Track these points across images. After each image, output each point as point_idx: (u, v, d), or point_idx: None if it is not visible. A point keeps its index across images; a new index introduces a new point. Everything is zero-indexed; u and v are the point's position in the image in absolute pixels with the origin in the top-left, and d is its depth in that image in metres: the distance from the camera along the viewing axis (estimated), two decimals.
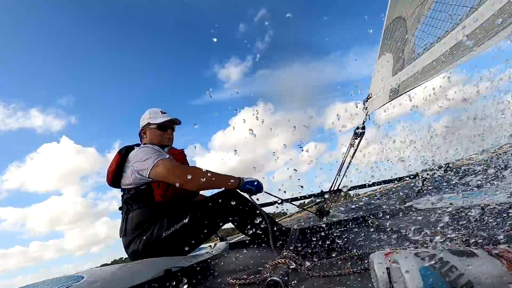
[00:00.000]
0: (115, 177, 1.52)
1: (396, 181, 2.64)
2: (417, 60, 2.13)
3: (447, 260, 0.45)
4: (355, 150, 2.67)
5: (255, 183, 1.47)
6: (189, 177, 1.35)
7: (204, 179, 1.38)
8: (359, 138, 2.75)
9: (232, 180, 1.43)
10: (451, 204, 1.53)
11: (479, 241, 0.67)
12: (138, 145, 1.63)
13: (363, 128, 2.78)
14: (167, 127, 1.71)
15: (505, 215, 1.02)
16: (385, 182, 2.64)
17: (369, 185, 2.71)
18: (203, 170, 1.41)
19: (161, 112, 1.73)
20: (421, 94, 2.02)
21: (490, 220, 1.10)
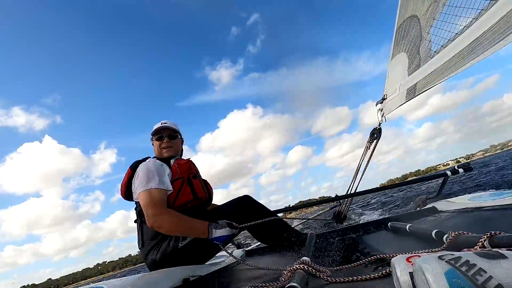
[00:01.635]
0: (127, 191, 1.55)
1: (416, 182, 2.55)
2: (434, 58, 2.07)
3: (473, 263, 0.42)
4: (372, 152, 2.61)
5: (225, 238, 1.38)
6: (160, 223, 1.32)
7: (175, 228, 1.33)
8: (375, 141, 2.68)
9: (201, 233, 1.35)
10: (475, 204, 1.45)
11: (507, 242, 0.63)
12: (147, 158, 1.62)
13: (379, 130, 2.72)
14: (162, 135, 1.67)
15: None
16: (405, 183, 2.56)
17: (386, 187, 2.63)
18: (178, 218, 1.35)
19: (162, 123, 1.71)
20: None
21: None
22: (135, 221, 1.56)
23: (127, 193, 1.56)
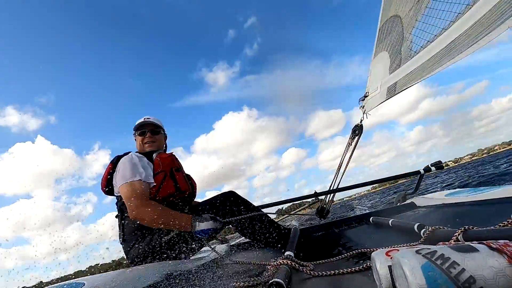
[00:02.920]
0: (107, 185, 1.52)
1: (393, 179, 2.65)
2: (415, 58, 2.14)
3: (448, 256, 0.44)
4: (353, 149, 2.68)
5: (209, 231, 1.35)
6: (143, 214, 1.30)
7: (158, 219, 1.31)
8: (356, 137, 2.75)
9: (185, 225, 1.33)
10: (450, 200, 1.53)
11: (479, 236, 0.67)
12: (128, 153, 1.58)
13: (361, 127, 2.79)
14: (145, 130, 1.66)
15: (503, 209, 1.02)
16: (383, 180, 2.66)
17: (367, 184, 2.72)
18: (160, 209, 1.33)
19: (145, 118, 1.70)
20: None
21: (489, 215, 1.10)
22: (116, 216, 1.53)
23: (108, 188, 1.54)
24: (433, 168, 2.18)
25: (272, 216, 1.70)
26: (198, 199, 1.81)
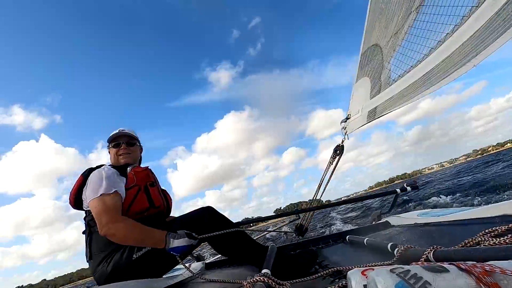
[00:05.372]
0: (77, 199, 1.44)
1: (372, 198, 2.73)
2: (393, 86, 2.28)
3: (420, 276, 0.46)
4: (334, 167, 2.74)
5: (183, 248, 1.30)
6: (114, 230, 1.23)
7: (130, 236, 1.25)
8: (337, 157, 2.83)
9: (158, 242, 1.27)
10: (423, 220, 1.59)
11: (447, 255, 0.71)
12: (101, 166, 1.51)
13: (342, 147, 2.88)
14: (120, 142, 1.59)
15: (472, 229, 1.07)
16: (361, 199, 2.72)
17: (346, 202, 2.78)
18: (133, 225, 1.26)
19: (120, 130, 1.63)
20: None
21: (456, 235, 1.16)
22: (83, 232, 1.44)
23: (77, 202, 1.44)
24: (408, 188, 2.27)
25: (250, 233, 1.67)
26: (198, 200, 1.74)
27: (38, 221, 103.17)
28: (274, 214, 2.62)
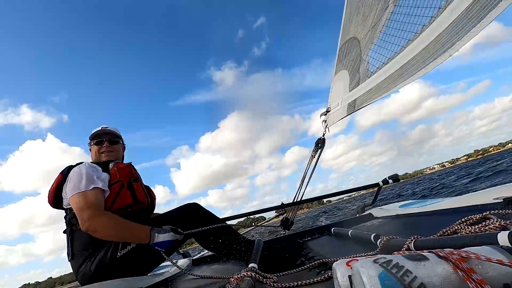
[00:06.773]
0: (56, 198, 1.38)
1: (355, 191, 2.80)
2: (371, 78, 2.33)
3: (402, 265, 0.47)
4: (316, 161, 2.78)
5: (168, 243, 1.27)
6: (96, 225, 1.19)
7: (113, 231, 1.22)
8: (319, 150, 2.87)
9: (142, 236, 1.25)
10: (404, 211, 1.66)
11: (427, 244, 0.74)
12: (81, 163, 1.45)
13: (323, 140, 2.92)
14: (102, 139, 1.55)
15: (449, 219, 1.13)
16: (345, 192, 2.79)
17: (330, 195, 2.84)
18: (116, 220, 1.23)
19: (102, 127, 1.59)
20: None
21: (435, 224, 1.22)
22: (64, 231, 1.39)
23: (56, 201, 1.39)
24: (390, 181, 2.35)
25: (237, 228, 1.67)
26: (201, 199, 1.71)
27: (43, 219, 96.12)
28: (260, 209, 2.63)
